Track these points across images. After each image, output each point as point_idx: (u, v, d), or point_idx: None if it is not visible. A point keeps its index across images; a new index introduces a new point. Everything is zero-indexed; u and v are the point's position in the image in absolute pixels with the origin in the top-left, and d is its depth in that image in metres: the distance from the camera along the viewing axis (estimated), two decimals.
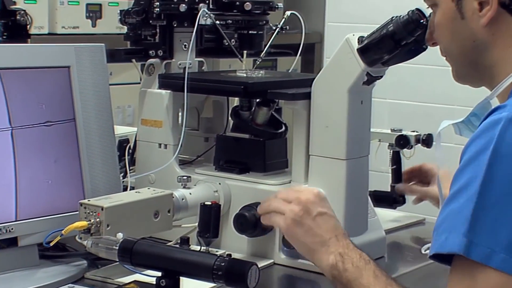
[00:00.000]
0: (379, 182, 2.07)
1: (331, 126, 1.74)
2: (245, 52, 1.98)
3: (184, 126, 1.87)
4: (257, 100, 1.88)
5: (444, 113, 3.33)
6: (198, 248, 1.68)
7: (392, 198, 2.09)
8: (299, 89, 1.80)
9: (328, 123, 1.74)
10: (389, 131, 2.11)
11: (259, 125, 1.88)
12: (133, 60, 2.01)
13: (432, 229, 1.28)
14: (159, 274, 1.42)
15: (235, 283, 1.37)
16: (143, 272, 1.47)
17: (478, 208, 1.21)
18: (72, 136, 1.72)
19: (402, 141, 2.08)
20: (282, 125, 1.91)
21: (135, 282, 1.54)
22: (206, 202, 1.70)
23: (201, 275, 1.39)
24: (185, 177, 1.77)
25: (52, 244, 1.56)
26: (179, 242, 1.64)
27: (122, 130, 2.21)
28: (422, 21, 1.62)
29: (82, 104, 1.73)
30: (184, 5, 1.90)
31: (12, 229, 1.61)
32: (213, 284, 1.50)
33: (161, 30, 1.93)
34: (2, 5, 1.91)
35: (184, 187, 1.76)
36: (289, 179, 1.81)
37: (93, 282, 1.63)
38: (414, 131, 2.10)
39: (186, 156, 1.98)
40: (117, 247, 1.44)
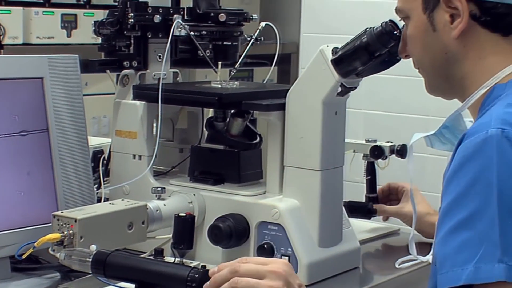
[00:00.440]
0: (353, 193, 2.08)
1: (305, 137, 1.74)
2: (219, 63, 1.98)
3: (159, 137, 1.86)
4: (232, 111, 1.88)
5: (419, 124, 3.34)
6: (172, 259, 1.67)
7: (366, 208, 2.10)
8: (274, 100, 1.80)
9: (302, 134, 1.75)
10: (363, 142, 2.12)
11: (234, 136, 1.88)
12: (108, 71, 2.01)
13: (406, 239, 1.26)
14: (133, 286, 1.41)
15: None
16: (117, 284, 1.46)
17: (504, 230, 1.18)
18: (46, 147, 1.71)
19: (377, 152, 2.09)
20: (257, 136, 1.91)
21: None
22: (181, 214, 1.70)
23: (175, 286, 1.38)
24: (159, 188, 1.77)
25: (24, 256, 1.54)
26: (153, 253, 1.64)
27: (96, 141, 2.21)
28: (395, 32, 1.63)
29: (55, 115, 1.72)
30: (158, 16, 1.90)
31: None
32: None
33: (135, 41, 1.93)
34: None
35: (158, 199, 1.76)
36: (264, 190, 1.81)
37: None
38: (388, 142, 2.11)
39: (160, 167, 1.98)
40: (90, 259, 1.43)
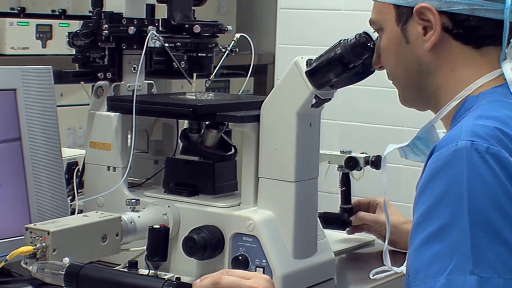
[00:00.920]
0: (328, 204, 2.08)
1: (280, 149, 1.74)
2: (194, 74, 1.98)
3: (133, 149, 1.86)
4: (207, 122, 1.88)
5: (393, 135, 3.35)
6: (146, 271, 1.66)
7: (341, 219, 2.10)
8: (248, 111, 1.80)
9: (277, 145, 1.75)
10: (338, 153, 2.12)
11: (209, 148, 1.88)
12: (82, 82, 2.00)
13: (380, 250, 1.26)
14: None
15: None
16: None
17: (475, 242, 1.18)
18: (18, 159, 1.70)
19: (352, 163, 2.10)
20: (232, 148, 1.91)
21: None
22: (155, 225, 1.69)
23: None
24: (133, 200, 1.76)
25: None
26: (127, 266, 1.63)
27: (70, 153, 2.19)
28: (369, 44, 1.64)
29: (28, 126, 1.71)
30: (133, 27, 1.90)
31: None
32: None
33: (110, 52, 1.92)
34: None
35: (132, 210, 1.75)
36: (239, 202, 1.81)
37: None
38: (363, 153, 2.12)
39: (135, 179, 1.97)
40: (63, 272, 1.42)
